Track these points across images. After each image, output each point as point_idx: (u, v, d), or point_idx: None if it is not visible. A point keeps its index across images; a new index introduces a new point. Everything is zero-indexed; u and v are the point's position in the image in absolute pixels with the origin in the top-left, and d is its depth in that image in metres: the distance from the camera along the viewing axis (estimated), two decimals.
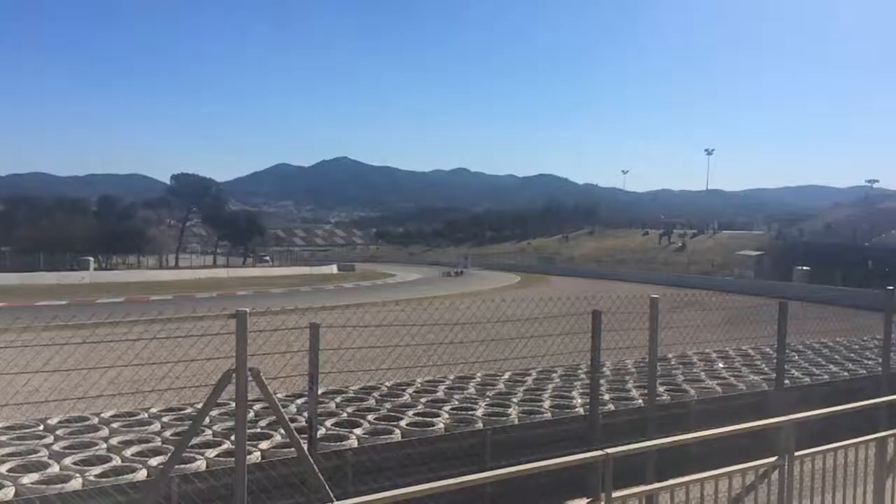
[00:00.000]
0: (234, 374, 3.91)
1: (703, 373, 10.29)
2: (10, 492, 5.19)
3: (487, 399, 8.53)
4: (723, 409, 8.49)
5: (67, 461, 5.83)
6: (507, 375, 9.79)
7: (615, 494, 3.70)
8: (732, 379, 9.92)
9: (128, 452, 6.11)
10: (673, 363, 10.84)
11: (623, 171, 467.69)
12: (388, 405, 8.09)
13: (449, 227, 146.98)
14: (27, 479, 5.37)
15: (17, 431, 6.71)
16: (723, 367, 10.77)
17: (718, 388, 9.34)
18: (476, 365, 10.17)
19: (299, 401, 7.90)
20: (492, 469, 6.36)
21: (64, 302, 31.94)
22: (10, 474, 5.47)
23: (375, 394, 8.63)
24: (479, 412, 7.86)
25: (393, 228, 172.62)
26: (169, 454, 5.95)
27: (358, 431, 6.95)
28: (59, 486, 5.26)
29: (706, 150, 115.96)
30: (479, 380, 9.54)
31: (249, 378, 3.94)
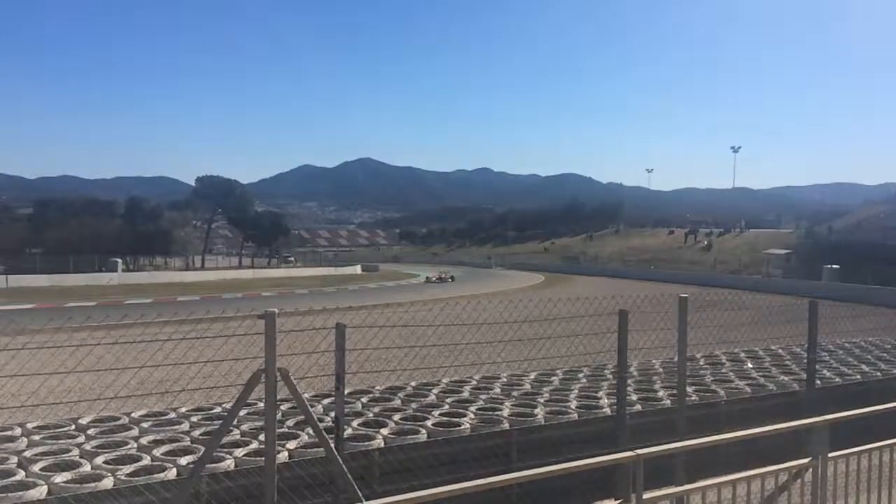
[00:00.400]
0: (263, 374, 3.93)
1: (731, 373, 10.16)
2: (42, 490, 5.26)
3: (513, 399, 8.50)
4: (753, 410, 8.40)
5: (99, 460, 5.90)
6: (532, 376, 9.75)
7: (646, 496, 3.66)
8: (762, 379, 9.79)
9: (158, 452, 6.16)
10: (701, 363, 10.73)
11: (647, 169, 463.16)
12: (413, 405, 8.09)
13: (472, 227, 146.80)
14: (59, 478, 5.44)
15: (50, 431, 6.80)
16: (752, 368, 10.63)
17: (748, 389, 9.22)
18: (502, 365, 10.15)
19: (326, 401, 7.92)
20: (518, 469, 6.34)
21: (93, 303, 32.41)
22: (43, 473, 5.55)
23: (401, 394, 8.63)
24: (506, 412, 7.83)
25: (416, 229, 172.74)
26: (199, 453, 6.01)
27: (384, 431, 6.95)
28: (91, 484, 5.32)
29: (732, 147, 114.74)
30: (504, 380, 9.51)
31: (278, 378, 3.97)
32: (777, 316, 11.78)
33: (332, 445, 4.50)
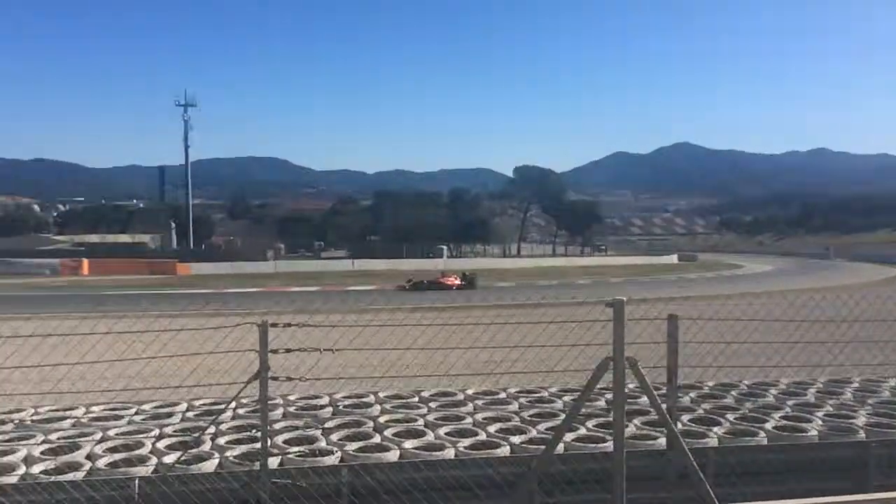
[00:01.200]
0: (611, 363, 3.88)
1: None
2: (396, 454, 5.81)
3: (868, 407, 7.45)
4: None
5: (441, 431, 6.36)
6: (892, 382, 8.47)
7: None
8: None
9: (491, 429, 6.46)
10: None
11: None
12: (748, 405, 7.50)
13: (805, 214, 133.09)
14: (409, 444, 5.98)
15: (401, 400, 7.54)
16: None
17: None
18: (850, 368, 9.00)
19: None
20: (879, 489, 5.56)
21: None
22: (396, 438, 6.15)
23: (734, 392, 8.06)
24: (860, 421, 6.89)
25: (739, 216, 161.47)
26: (528, 434, 6.20)
27: (718, 430, 6.53)
28: (436, 453, 5.76)
29: None
30: (857, 385, 8.40)
31: (626, 367, 3.89)
32: None
33: (682, 441, 4.28)
